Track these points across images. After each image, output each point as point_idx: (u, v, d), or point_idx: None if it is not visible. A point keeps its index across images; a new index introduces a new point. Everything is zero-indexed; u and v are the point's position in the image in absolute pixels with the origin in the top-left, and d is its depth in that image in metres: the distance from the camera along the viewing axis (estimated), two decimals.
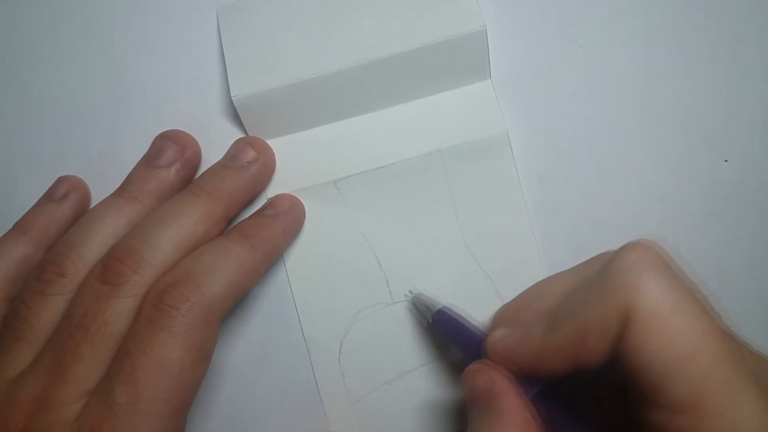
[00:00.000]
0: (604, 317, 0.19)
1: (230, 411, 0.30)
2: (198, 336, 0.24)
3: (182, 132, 0.30)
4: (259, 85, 0.29)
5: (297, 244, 0.30)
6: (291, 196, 0.30)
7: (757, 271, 0.29)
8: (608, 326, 0.19)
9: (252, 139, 0.30)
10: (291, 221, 0.29)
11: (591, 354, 0.20)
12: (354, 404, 0.30)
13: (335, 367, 0.30)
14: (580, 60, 0.30)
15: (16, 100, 0.32)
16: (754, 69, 0.30)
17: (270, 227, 0.28)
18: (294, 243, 0.30)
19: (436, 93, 0.30)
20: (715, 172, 0.30)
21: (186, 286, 0.24)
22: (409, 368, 0.30)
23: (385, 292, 0.30)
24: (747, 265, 0.29)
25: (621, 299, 0.19)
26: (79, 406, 0.23)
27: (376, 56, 0.29)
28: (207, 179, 0.28)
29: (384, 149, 0.30)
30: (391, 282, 0.30)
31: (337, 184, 0.30)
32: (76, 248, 0.26)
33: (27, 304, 0.25)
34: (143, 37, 0.32)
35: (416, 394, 0.30)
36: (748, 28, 0.30)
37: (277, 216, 0.28)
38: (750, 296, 0.29)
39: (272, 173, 0.30)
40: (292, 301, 0.30)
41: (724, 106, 0.30)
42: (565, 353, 0.21)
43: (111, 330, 0.24)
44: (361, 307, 0.30)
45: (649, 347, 0.18)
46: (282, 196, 0.30)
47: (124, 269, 0.24)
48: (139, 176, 0.29)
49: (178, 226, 0.26)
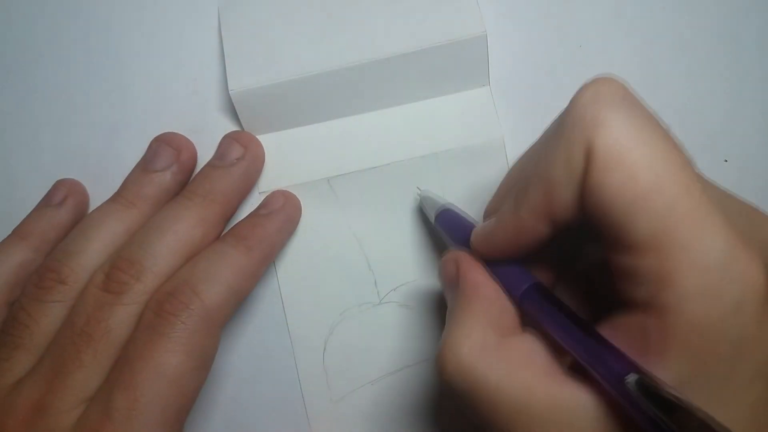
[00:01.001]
0: (567, 159, 0.18)
1: (219, 410, 0.30)
2: (197, 342, 0.24)
3: (177, 135, 0.30)
4: (257, 80, 0.29)
5: (287, 241, 0.30)
6: (284, 192, 0.30)
7: None
8: (573, 169, 0.18)
9: (237, 134, 0.30)
10: (286, 218, 0.29)
11: (562, 205, 0.19)
12: (336, 403, 0.30)
13: (319, 366, 0.30)
14: (579, 60, 0.30)
15: (15, 100, 0.32)
16: (754, 69, 0.30)
17: (264, 227, 0.28)
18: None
19: (434, 96, 0.30)
20: (715, 172, 0.29)
21: (184, 294, 0.24)
22: (393, 369, 0.30)
23: (372, 292, 0.30)
24: None
25: (581, 137, 0.18)
26: (78, 412, 0.23)
27: (376, 56, 0.28)
28: (199, 183, 0.28)
29: (379, 150, 0.30)
30: (380, 283, 0.30)
31: (331, 182, 0.30)
32: (75, 255, 0.26)
33: (27, 310, 0.25)
34: (143, 38, 0.32)
35: (399, 395, 0.30)
36: (748, 28, 0.30)
37: (271, 215, 0.28)
38: None
39: (262, 165, 0.30)
40: (281, 299, 0.30)
41: (724, 106, 0.30)
42: (539, 212, 0.19)
43: (113, 338, 0.24)
44: (348, 307, 0.30)
45: (612, 183, 0.17)
46: (275, 193, 0.30)
47: (127, 278, 0.25)
48: (136, 181, 0.29)
49: (176, 233, 0.26)
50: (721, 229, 0.17)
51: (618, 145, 0.17)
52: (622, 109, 0.18)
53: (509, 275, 0.22)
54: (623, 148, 0.17)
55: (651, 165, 0.17)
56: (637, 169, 0.17)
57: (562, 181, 0.18)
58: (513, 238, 0.21)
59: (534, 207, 0.19)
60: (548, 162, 0.19)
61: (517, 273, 0.22)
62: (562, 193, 0.19)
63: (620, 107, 0.18)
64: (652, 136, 0.17)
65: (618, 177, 0.17)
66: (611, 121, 0.17)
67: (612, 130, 0.17)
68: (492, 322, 0.20)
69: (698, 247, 0.17)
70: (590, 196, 0.18)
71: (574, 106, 0.18)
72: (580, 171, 0.18)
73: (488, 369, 0.19)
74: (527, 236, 0.20)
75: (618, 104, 0.18)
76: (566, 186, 0.18)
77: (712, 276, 0.16)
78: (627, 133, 0.17)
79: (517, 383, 0.19)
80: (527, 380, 0.19)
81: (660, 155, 0.17)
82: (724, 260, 0.16)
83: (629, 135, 0.17)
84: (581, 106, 0.18)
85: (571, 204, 0.19)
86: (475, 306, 0.21)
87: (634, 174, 0.17)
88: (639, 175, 0.17)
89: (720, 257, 0.16)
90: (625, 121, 0.17)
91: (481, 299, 0.21)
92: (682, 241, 0.17)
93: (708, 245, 0.17)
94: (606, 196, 0.17)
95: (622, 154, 0.17)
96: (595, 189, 0.17)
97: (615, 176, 0.17)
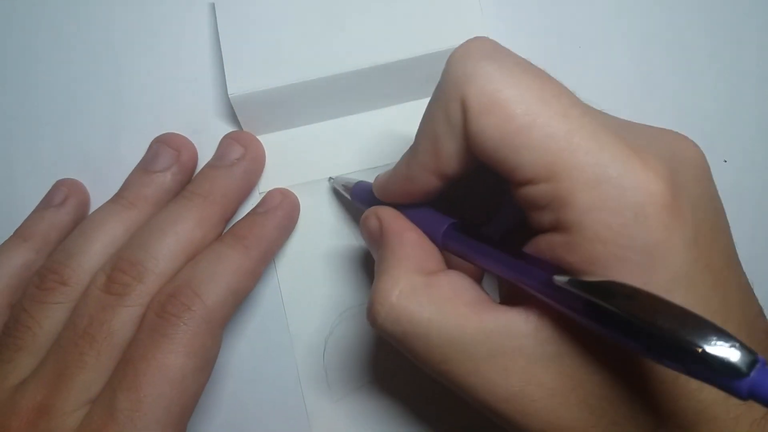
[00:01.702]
0: (446, 115, 0.19)
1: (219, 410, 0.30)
2: (200, 343, 0.24)
3: (177, 135, 0.30)
4: (256, 84, 0.29)
5: (287, 240, 0.30)
6: (282, 189, 0.30)
7: (756, 270, 0.29)
8: (452, 123, 0.19)
9: (237, 134, 0.30)
10: (284, 216, 0.29)
11: (448, 157, 0.20)
12: (336, 402, 0.30)
13: (319, 366, 0.30)
14: (580, 60, 0.30)
15: (16, 100, 0.32)
16: (753, 69, 0.30)
17: (262, 225, 0.28)
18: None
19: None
20: (714, 173, 0.29)
21: (186, 295, 0.24)
22: (393, 369, 0.30)
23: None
24: (746, 265, 0.29)
25: (455, 92, 0.19)
26: (81, 414, 0.23)
27: (377, 61, 0.28)
28: (199, 183, 0.28)
29: (379, 149, 0.30)
30: None
31: (331, 182, 0.30)
32: (76, 256, 0.26)
33: (29, 312, 0.25)
34: (142, 38, 0.32)
35: (399, 395, 0.30)
36: (748, 28, 0.30)
37: (269, 213, 0.28)
38: None
39: (262, 165, 0.30)
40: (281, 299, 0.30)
41: (724, 106, 0.30)
42: (427, 165, 0.20)
43: (116, 339, 0.24)
44: (349, 306, 0.30)
45: (489, 126, 0.18)
46: (273, 192, 0.30)
47: (129, 279, 0.25)
48: (136, 182, 0.29)
49: (177, 234, 0.26)
50: (610, 144, 0.17)
51: (488, 91, 0.18)
52: (491, 61, 0.18)
53: (427, 220, 0.23)
54: (494, 92, 0.18)
55: (522, 102, 0.18)
56: (509, 107, 0.18)
57: (444, 135, 0.19)
58: (405, 187, 0.22)
59: (422, 160, 0.21)
60: (431, 119, 0.20)
61: (435, 216, 0.23)
62: (445, 146, 0.19)
63: (489, 59, 0.19)
64: (522, 76, 0.18)
65: (493, 120, 0.18)
66: (480, 71, 0.18)
67: (481, 78, 0.18)
68: (418, 265, 0.21)
69: (586, 164, 0.17)
70: (474, 145, 0.19)
71: (448, 64, 0.19)
72: (459, 123, 0.19)
73: (419, 308, 0.20)
74: (418, 187, 0.21)
75: (487, 57, 0.19)
76: (448, 139, 0.19)
77: (606, 188, 0.17)
78: (496, 78, 0.18)
79: (448, 317, 0.19)
80: (457, 313, 0.19)
81: (530, 92, 0.18)
82: (617, 172, 0.17)
83: (498, 80, 0.18)
84: (453, 63, 0.19)
85: (456, 155, 0.20)
86: (400, 252, 0.21)
87: (508, 113, 0.18)
88: (512, 113, 0.18)
89: (612, 170, 0.17)
90: (493, 69, 0.18)
91: (405, 245, 0.22)
92: (569, 162, 0.17)
93: (596, 160, 0.17)
94: (487, 140, 0.18)
95: (493, 98, 0.18)
96: (477, 136, 0.18)
97: (490, 119, 0.18)
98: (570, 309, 0.17)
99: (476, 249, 0.21)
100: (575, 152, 0.17)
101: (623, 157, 0.17)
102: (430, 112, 0.20)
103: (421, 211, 0.23)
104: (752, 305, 0.19)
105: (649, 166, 0.17)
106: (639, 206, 0.17)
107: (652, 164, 0.17)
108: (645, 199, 0.17)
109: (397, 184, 0.23)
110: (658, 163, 0.17)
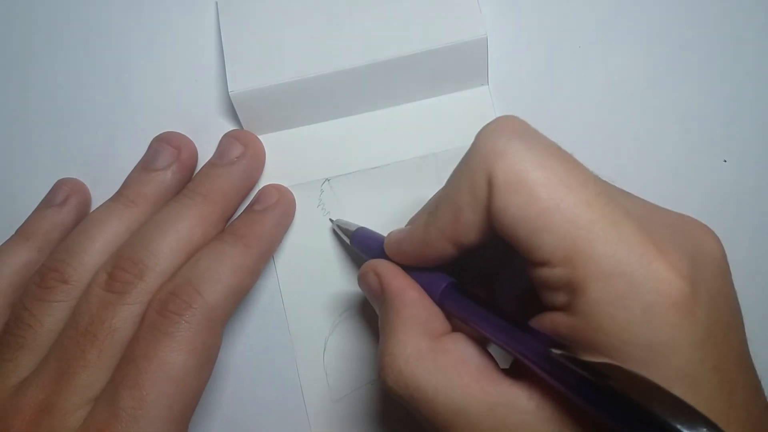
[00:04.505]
0: (472, 187, 0.19)
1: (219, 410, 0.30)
2: (201, 341, 0.24)
3: (177, 134, 0.30)
4: (257, 82, 0.29)
5: (287, 241, 0.30)
6: (278, 186, 0.30)
7: (756, 270, 0.29)
8: (477, 196, 0.19)
9: (238, 132, 0.30)
10: (281, 213, 0.29)
11: (468, 228, 0.20)
12: (336, 403, 0.30)
13: (319, 366, 0.30)
14: (579, 60, 0.30)
15: (16, 101, 0.32)
16: (753, 69, 0.30)
17: (261, 223, 0.28)
18: (284, 240, 0.30)
19: (432, 96, 0.30)
20: (714, 172, 0.30)
21: (187, 293, 0.24)
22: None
23: None
24: (746, 265, 0.29)
25: (483, 166, 0.19)
26: (84, 413, 0.23)
27: (376, 59, 0.28)
28: (200, 182, 0.28)
29: (378, 150, 0.30)
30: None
31: (330, 182, 0.30)
32: (77, 255, 0.26)
33: (30, 310, 0.25)
34: (143, 38, 0.32)
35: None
36: (748, 28, 0.30)
37: (266, 210, 0.28)
38: (749, 296, 0.29)
39: (262, 164, 0.30)
40: (281, 298, 0.30)
41: (724, 107, 0.30)
42: (445, 232, 0.21)
43: (117, 337, 0.24)
44: (349, 306, 0.30)
45: (513, 205, 0.18)
46: (268, 188, 0.30)
47: (130, 277, 0.25)
48: (137, 180, 0.29)
49: (177, 232, 0.26)
50: (630, 236, 0.17)
51: (516, 170, 0.18)
52: (520, 140, 0.19)
53: (426, 277, 0.23)
54: (521, 172, 0.18)
55: (548, 185, 0.18)
56: (535, 190, 0.18)
57: (467, 207, 0.20)
58: (420, 251, 0.22)
59: (441, 227, 0.21)
60: (455, 189, 0.20)
61: (434, 275, 0.23)
62: (466, 216, 0.20)
63: (519, 139, 0.19)
64: (550, 160, 0.19)
65: (518, 199, 0.18)
66: (510, 149, 0.19)
67: (510, 157, 0.19)
68: (422, 326, 0.21)
69: (603, 256, 0.17)
70: (496, 220, 0.19)
71: (477, 139, 0.20)
72: (483, 197, 0.19)
73: (425, 376, 0.20)
74: (432, 252, 0.22)
75: (518, 136, 0.19)
76: (471, 210, 0.20)
77: (619, 283, 0.17)
78: (524, 159, 0.19)
79: (454, 386, 0.20)
80: (462, 383, 0.20)
81: (557, 177, 0.18)
82: (631, 267, 0.17)
83: (526, 161, 0.18)
84: (483, 138, 0.20)
85: (477, 227, 0.20)
86: (404, 313, 0.22)
87: (533, 195, 0.18)
88: (537, 195, 0.18)
89: (627, 265, 0.17)
90: (523, 149, 0.19)
91: (408, 305, 0.22)
92: (587, 251, 0.17)
93: (613, 253, 0.17)
94: (510, 219, 0.19)
95: (520, 178, 0.18)
96: (500, 212, 0.19)
97: (515, 199, 0.18)
98: (561, 383, 0.18)
99: (474, 312, 0.21)
100: (594, 242, 0.17)
101: (641, 250, 0.17)
102: (455, 181, 0.21)
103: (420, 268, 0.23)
104: (758, 403, 0.19)
105: (669, 261, 0.17)
106: (648, 304, 0.17)
107: (673, 259, 0.17)
108: (655, 297, 0.17)
109: (412, 246, 0.23)
110: (680, 259, 0.17)
